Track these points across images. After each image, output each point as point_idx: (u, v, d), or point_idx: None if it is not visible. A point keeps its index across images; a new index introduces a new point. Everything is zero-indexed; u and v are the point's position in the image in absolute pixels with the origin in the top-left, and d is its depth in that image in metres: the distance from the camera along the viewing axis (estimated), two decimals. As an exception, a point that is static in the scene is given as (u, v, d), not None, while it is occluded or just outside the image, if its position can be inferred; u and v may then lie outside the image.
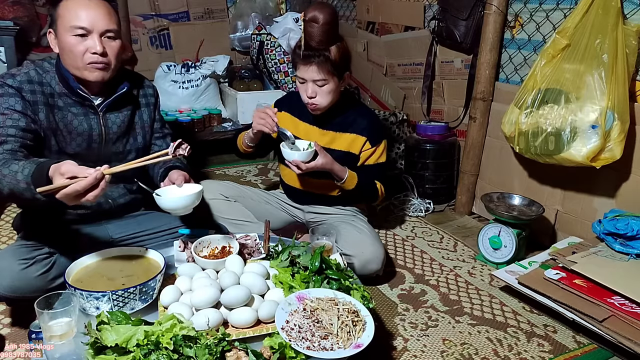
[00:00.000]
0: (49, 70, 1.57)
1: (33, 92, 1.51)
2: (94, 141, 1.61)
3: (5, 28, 2.87)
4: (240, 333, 1.24)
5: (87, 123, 1.59)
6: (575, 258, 1.75)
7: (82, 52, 1.48)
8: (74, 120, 1.57)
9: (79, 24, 1.46)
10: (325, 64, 1.77)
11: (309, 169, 1.78)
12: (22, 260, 1.43)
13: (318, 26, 1.75)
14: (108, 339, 1.09)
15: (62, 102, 1.56)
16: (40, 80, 1.54)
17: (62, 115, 1.56)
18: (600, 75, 1.82)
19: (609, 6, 1.81)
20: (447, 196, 2.73)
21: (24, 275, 1.42)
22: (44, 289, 1.42)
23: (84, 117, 1.59)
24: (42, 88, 1.53)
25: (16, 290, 1.42)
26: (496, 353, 1.57)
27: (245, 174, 3.14)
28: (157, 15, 3.66)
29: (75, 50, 1.48)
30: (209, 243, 1.58)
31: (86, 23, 1.46)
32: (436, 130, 2.66)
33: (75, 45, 1.47)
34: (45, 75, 1.55)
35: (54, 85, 1.55)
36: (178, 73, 3.41)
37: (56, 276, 1.48)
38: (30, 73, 1.53)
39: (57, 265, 1.50)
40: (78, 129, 1.58)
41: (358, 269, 1.78)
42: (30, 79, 1.52)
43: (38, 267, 1.45)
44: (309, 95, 1.83)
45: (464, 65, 2.62)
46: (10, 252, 1.47)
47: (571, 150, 1.89)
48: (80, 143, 1.59)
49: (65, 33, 1.47)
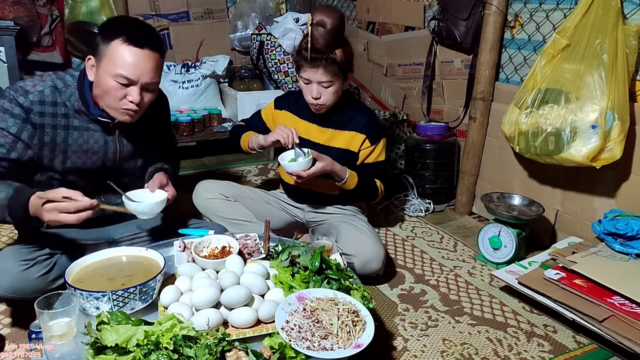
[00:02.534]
0: (70, 84, 1.52)
1: (42, 114, 1.47)
2: (108, 159, 1.60)
3: (6, 28, 2.87)
4: (240, 333, 1.24)
5: (104, 141, 1.58)
6: (575, 258, 1.75)
7: (120, 97, 1.45)
8: (90, 139, 1.55)
9: (126, 75, 1.41)
10: (331, 66, 1.78)
11: (310, 175, 1.79)
12: (22, 262, 1.43)
13: (325, 30, 1.74)
14: (108, 339, 1.09)
15: (78, 120, 1.53)
16: (54, 99, 1.49)
17: (77, 135, 1.53)
18: (600, 75, 1.82)
19: (609, 6, 1.81)
20: (447, 196, 2.73)
21: (25, 277, 1.42)
22: (44, 290, 1.42)
23: (101, 134, 1.57)
24: (55, 109, 1.49)
25: (16, 291, 1.42)
26: (496, 353, 1.57)
27: (245, 174, 3.14)
28: (157, 15, 3.66)
29: (114, 95, 1.44)
30: (209, 243, 1.58)
31: (133, 75, 1.42)
32: (436, 130, 2.66)
33: (115, 89, 1.43)
34: (65, 90, 1.51)
35: (72, 102, 1.51)
36: (178, 73, 3.41)
37: (57, 277, 1.48)
38: (45, 92, 1.47)
39: (58, 265, 1.50)
40: (94, 147, 1.56)
41: (358, 269, 1.78)
42: (43, 99, 1.47)
43: (39, 268, 1.45)
44: (314, 97, 1.84)
45: (464, 65, 2.62)
46: (11, 253, 1.46)
47: (571, 150, 1.89)
48: (96, 161, 1.58)
49: (108, 75, 1.42)
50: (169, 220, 1.81)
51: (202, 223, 1.85)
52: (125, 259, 1.46)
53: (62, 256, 1.53)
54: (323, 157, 1.82)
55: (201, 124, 3.27)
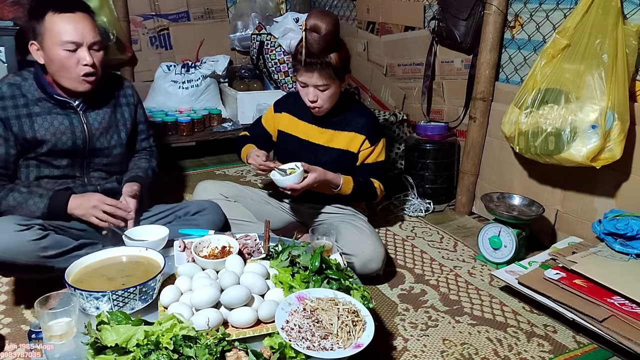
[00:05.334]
0: (27, 77, 1.67)
1: (4, 108, 1.61)
2: (78, 138, 1.70)
3: (5, 28, 2.87)
4: (240, 333, 1.24)
5: (69, 121, 1.69)
6: (575, 258, 1.75)
7: (74, 64, 1.59)
8: (55, 121, 1.67)
9: (70, 38, 1.56)
10: (326, 70, 1.78)
11: (304, 187, 1.80)
12: (18, 224, 1.50)
13: (319, 36, 1.73)
14: (108, 339, 1.09)
15: (39, 107, 1.65)
16: (12, 94, 1.63)
17: (42, 121, 1.65)
18: (600, 75, 1.82)
19: (609, 6, 1.81)
20: (447, 196, 2.73)
21: (18, 237, 1.47)
22: (36, 256, 1.49)
23: (65, 116, 1.68)
24: (14, 101, 1.63)
25: (8, 250, 1.46)
26: (496, 353, 1.57)
27: (245, 174, 3.14)
28: (157, 15, 3.66)
29: (68, 63, 1.58)
30: (209, 243, 1.58)
31: (77, 37, 1.56)
32: (436, 130, 2.66)
33: (67, 58, 1.57)
34: (24, 83, 1.65)
35: (32, 92, 1.65)
36: (178, 73, 3.41)
37: (48, 246, 1.53)
38: (2, 88, 1.63)
39: (50, 237, 1.55)
40: (60, 128, 1.67)
41: (358, 269, 1.78)
42: (2, 95, 1.62)
43: (32, 233, 1.51)
44: (311, 100, 1.84)
45: (464, 65, 2.62)
46: (9, 217, 1.55)
47: (571, 150, 1.89)
48: (66, 141, 1.68)
49: (55, 47, 1.56)
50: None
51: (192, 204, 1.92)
52: (125, 259, 1.46)
53: (54, 234, 1.59)
54: (314, 169, 1.82)
55: (201, 124, 3.27)
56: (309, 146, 1.98)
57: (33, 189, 1.64)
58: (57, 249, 1.54)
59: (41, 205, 1.61)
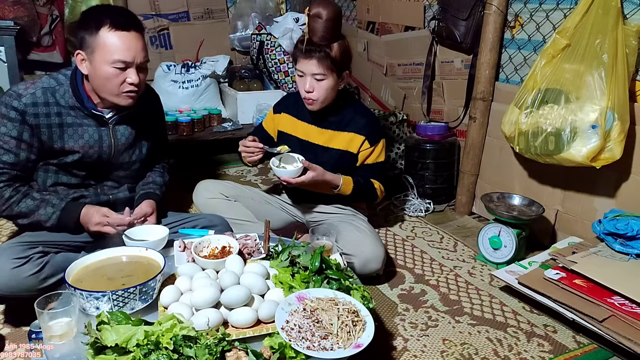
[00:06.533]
0: (63, 83, 1.60)
1: (36, 115, 1.54)
2: (104, 152, 1.67)
3: (6, 28, 2.87)
4: (240, 333, 1.24)
5: (99, 135, 1.65)
6: (575, 258, 1.75)
7: (120, 82, 1.54)
8: (85, 134, 1.63)
9: (122, 58, 1.51)
10: (325, 60, 1.79)
11: (298, 184, 1.81)
12: (15, 259, 1.45)
13: (322, 21, 1.76)
14: (108, 339, 1.09)
15: (71, 117, 1.60)
16: (46, 100, 1.56)
17: (72, 132, 1.61)
18: (600, 75, 1.82)
19: (609, 6, 1.81)
20: (447, 196, 2.73)
21: (16, 275, 1.44)
22: (35, 289, 1.45)
23: (96, 129, 1.64)
24: (47, 109, 1.56)
25: (7, 289, 1.43)
26: (496, 353, 1.57)
27: (245, 174, 3.14)
28: (157, 15, 3.66)
29: (115, 81, 1.53)
30: (209, 243, 1.58)
31: (129, 57, 1.52)
32: (436, 130, 2.66)
33: (114, 76, 1.52)
34: (58, 88, 1.58)
35: (67, 99, 1.58)
36: (178, 73, 3.41)
37: (48, 276, 1.50)
38: (36, 94, 1.55)
39: (50, 264, 1.51)
40: (90, 142, 1.63)
41: (358, 269, 1.78)
42: (35, 100, 1.54)
43: (31, 266, 1.47)
44: (307, 89, 1.84)
45: (464, 65, 2.62)
46: (4, 250, 1.50)
47: (571, 150, 1.89)
48: (92, 155, 1.65)
49: (104, 64, 1.51)
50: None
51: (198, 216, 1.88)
52: (125, 259, 1.46)
53: (55, 255, 1.55)
54: (314, 167, 1.82)
55: (201, 124, 3.27)
56: (308, 146, 1.98)
57: (45, 197, 1.59)
58: (58, 275, 1.50)
59: (53, 217, 1.57)
